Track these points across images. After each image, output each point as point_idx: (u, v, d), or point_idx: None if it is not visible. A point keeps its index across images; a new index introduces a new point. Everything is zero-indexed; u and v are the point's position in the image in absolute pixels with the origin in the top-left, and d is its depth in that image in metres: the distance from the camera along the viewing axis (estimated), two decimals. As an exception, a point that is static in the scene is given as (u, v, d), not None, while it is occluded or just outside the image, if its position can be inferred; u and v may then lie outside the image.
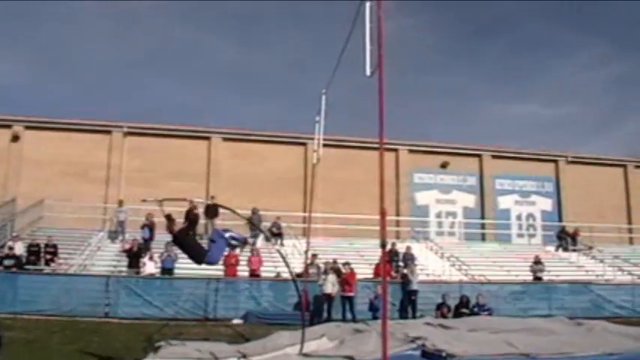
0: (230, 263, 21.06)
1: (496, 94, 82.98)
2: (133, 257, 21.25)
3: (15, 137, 28.57)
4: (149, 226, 23.71)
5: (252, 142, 31.25)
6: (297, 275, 21.33)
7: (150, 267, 20.97)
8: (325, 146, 16.16)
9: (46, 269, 21.17)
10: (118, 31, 77.05)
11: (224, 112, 76.85)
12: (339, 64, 11.92)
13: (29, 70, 72.44)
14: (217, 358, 9.81)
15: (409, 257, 23.45)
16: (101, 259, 22.99)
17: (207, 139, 30.75)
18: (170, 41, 79.09)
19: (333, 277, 19.68)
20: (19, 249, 21.42)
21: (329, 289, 19.42)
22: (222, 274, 20.81)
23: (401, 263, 23.15)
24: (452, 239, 32.13)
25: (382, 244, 8.47)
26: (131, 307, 19.03)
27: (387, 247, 14.41)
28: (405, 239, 28.31)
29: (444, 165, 33.43)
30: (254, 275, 21.55)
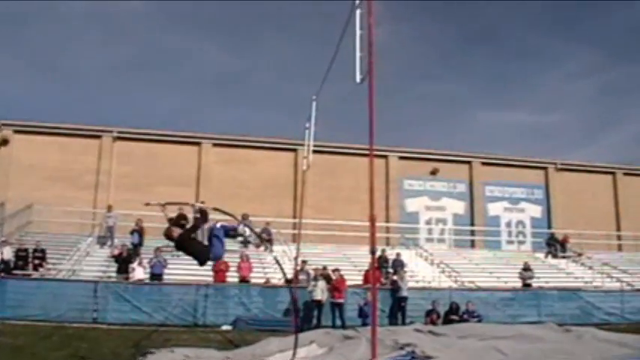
0: (220, 269, 20.98)
1: (486, 102, 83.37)
2: (122, 263, 21.15)
3: (4, 141, 28.46)
4: (138, 231, 23.65)
5: (242, 148, 31.25)
6: (287, 281, 21.35)
7: (139, 272, 20.84)
8: (315, 152, 16.14)
9: (35, 274, 21.01)
10: (108, 36, 76.94)
11: (214, 117, 76.79)
12: (329, 70, 11.93)
13: (18, 74, 72.16)
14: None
15: (399, 264, 23.46)
16: (90, 265, 22.86)
17: (197, 144, 30.72)
18: (160, 47, 79.05)
19: (322, 284, 19.67)
20: (7, 254, 21.21)
21: (319, 296, 19.41)
22: (211, 280, 20.77)
23: (390, 270, 23.15)
24: (441, 246, 32.19)
25: (372, 251, 8.48)
26: (120, 312, 18.93)
27: (377, 253, 14.41)
28: (394, 246, 28.37)
29: (434, 172, 33.50)
30: (244, 281, 21.49)
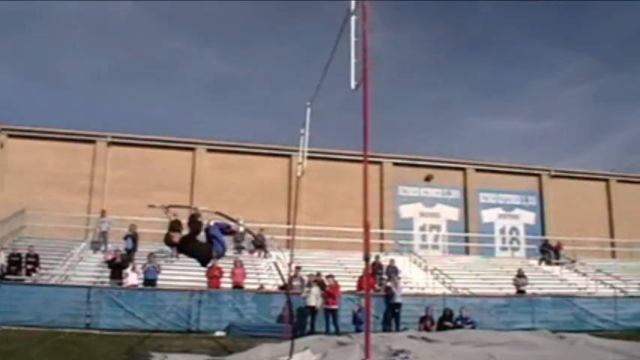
0: (213, 275, 20.95)
1: (480, 109, 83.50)
2: (116, 268, 21.09)
3: (-2, 145, 28.35)
4: (132, 236, 23.60)
5: (237, 154, 31.22)
6: (281, 288, 21.32)
7: (132, 278, 20.80)
8: (310, 159, 16.13)
9: (27, 279, 20.92)
10: (103, 40, 76.89)
11: (208, 123, 76.70)
12: (324, 76, 11.94)
13: (13, 78, 72.05)
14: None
15: (393, 270, 23.46)
16: (83, 270, 22.77)
17: (192, 150, 30.67)
18: (155, 52, 79.01)
19: (316, 290, 19.64)
20: (1, 259, 21.18)
21: (312, 302, 19.37)
22: (205, 286, 20.73)
23: (384, 276, 23.13)
24: (435, 252, 32.19)
25: (366, 257, 8.48)
26: (113, 318, 18.84)
27: (371, 259, 14.41)
28: (389, 252, 28.33)
29: (428, 178, 33.52)
30: (237, 287, 21.45)
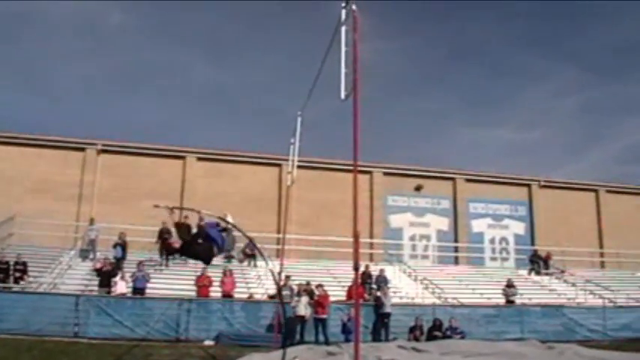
0: (203, 284, 20.89)
1: (470, 119, 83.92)
2: (105, 276, 20.98)
3: (-14, 153, 28.21)
4: (121, 245, 23.49)
5: (227, 163, 31.19)
6: (270, 297, 21.30)
7: (121, 286, 20.68)
8: (300, 168, 16.19)
9: (15, 287, 20.76)
10: (93, 48, 76.79)
11: (199, 131, 76.63)
12: (314, 86, 11.98)
13: (2, 85, 71.79)
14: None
15: (382, 280, 23.43)
16: (71, 278, 22.62)
17: (182, 158, 30.61)
18: (145, 60, 79.03)
19: (306, 299, 19.61)
20: (-12, 267, 21.06)
21: (302, 311, 19.33)
22: (194, 295, 20.66)
23: (374, 286, 23.10)
24: (425, 262, 32.23)
25: (355, 267, 8.49)
26: (101, 327, 18.72)
27: (361, 269, 14.41)
28: (378, 262, 28.39)
29: (418, 188, 33.58)
30: (227, 296, 21.38)
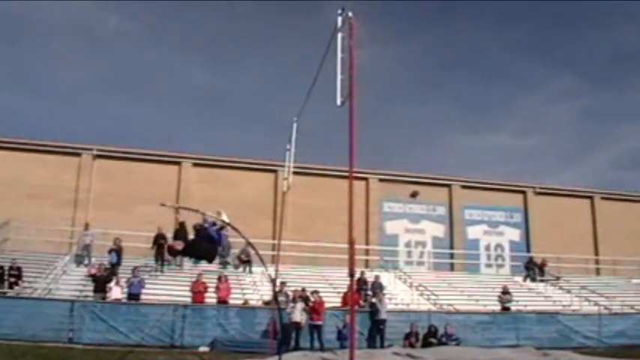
0: (198, 290, 20.86)
1: (466, 125, 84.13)
2: (100, 282, 20.92)
3: (-18, 157, 28.13)
4: (117, 250, 23.44)
5: (223, 168, 31.15)
6: (266, 303, 21.27)
7: (116, 292, 20.64)
8: (295, 174, 16.18)
9: (10, 293, 20.68)
10: (89, 53, 76.76)
11: (194, 137, 76.66)
12: (310, 92, 11.99)
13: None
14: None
15: (378, 286, 23.43)
16: (66, 284, 22.55)
17: (178, 164, 30.56)
18: (141, 64, 79.03)
19: (301, 306, 19.57)
20: (-17, 272, 20.99)
21: (297, 318, 19.28)
22: (189, 301, 20.62)
23: (369, 292, 23.09)
24: (421, 269, 32.19)
25: (351, 273, 8.49)
26: (96, 332, 18.66)
27: (356, 276, 14.42)
28: (374, 268, 28.34)
29: (414, 194, 33.57)
30: (222, 302, 21.33)
